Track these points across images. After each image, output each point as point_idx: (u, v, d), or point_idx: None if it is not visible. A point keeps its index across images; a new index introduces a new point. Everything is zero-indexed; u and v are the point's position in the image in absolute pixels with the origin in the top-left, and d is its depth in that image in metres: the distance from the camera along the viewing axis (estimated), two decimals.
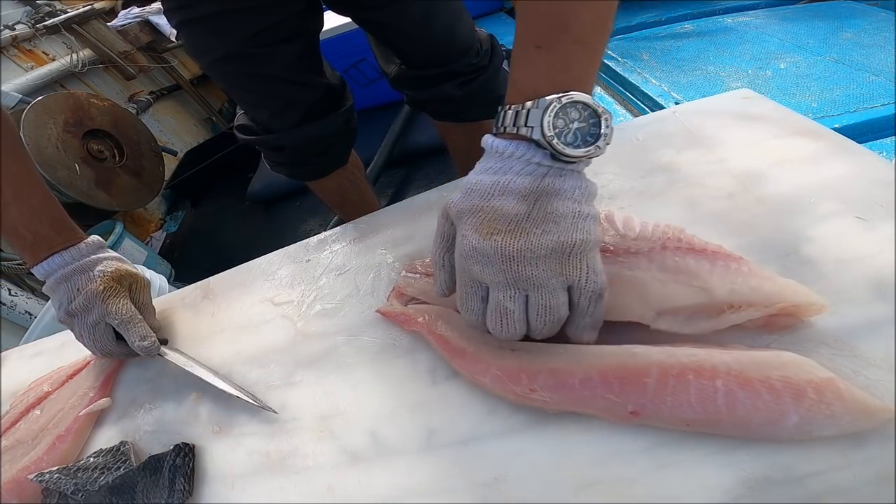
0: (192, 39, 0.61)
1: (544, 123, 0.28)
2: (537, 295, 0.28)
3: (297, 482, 0.35)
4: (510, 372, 0.31)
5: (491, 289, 0.30)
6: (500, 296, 0.29)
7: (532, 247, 0.28)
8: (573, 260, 0.28)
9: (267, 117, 0.68)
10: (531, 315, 0.29)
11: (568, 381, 0.29)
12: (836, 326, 0.29)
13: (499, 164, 0.30)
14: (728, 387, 0.25)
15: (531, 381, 0.30)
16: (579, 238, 0.28)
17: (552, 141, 0.28)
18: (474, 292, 0.31)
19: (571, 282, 0.29)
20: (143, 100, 1.99)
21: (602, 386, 0.28)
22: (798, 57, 0.99)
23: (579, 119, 0.29)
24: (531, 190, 0.29)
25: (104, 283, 0.46)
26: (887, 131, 0.76)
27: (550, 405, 0.30)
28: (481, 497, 0.30)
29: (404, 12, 0.61)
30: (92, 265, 0.48)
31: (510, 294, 0.29)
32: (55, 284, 0.47)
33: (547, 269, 0.28)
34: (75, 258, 0.47)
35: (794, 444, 0.25)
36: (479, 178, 0.31)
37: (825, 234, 0.33)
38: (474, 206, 0.30)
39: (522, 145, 0.29)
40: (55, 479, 0.40)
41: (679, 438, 0.27)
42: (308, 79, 0.66)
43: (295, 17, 0.59)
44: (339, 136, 0.74)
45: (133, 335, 0.45)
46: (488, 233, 0.29)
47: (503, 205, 0.29)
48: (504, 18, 2.08)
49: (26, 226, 0.46)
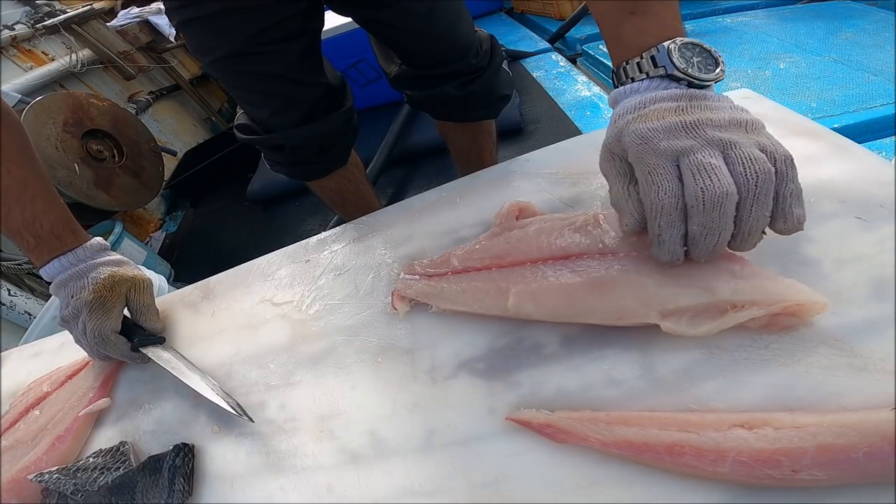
0: (194, 38, 0.61)
1: (675, 59, 0.31)
2: (737, 150, 0.27)
3: (296, 482, 0.35)
4: (759, 457, 0.25)
5: (685, 158, 0.28)
6: (698, 156, 0.27)
7: (713, 118, 0.29)
8: (753, 132, 0.29)
9: (267, 116, 0.68)
10: (736, 170, 0.27)
11: (851, 456, 0.24)
12: (836, 326, 0.29)
13: (641, 94, 0.32)
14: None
15: (794, 462, 0.25)
16: (749, 118, 0.30)
17: (687, 70, 0.31)
18: (666, 172, 0.28)
19: (763, 146, 0.28)
20: (142, 100, 1.98)
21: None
22: (798, 57, 1.00)
23: (695, 54, 0.32)
24: (681, 96, 0.31)
25: (95, 292, 0.46)
26: (887, 131, 0.76)
27: (827, 482, 0.25)
28: (481, 497, 0.30)
29: (408, 11, 0.61)
30: (86, 271, 0.48)
31: (709, 152, 0.28)
32: (56, 289, 0.48)
33: (736, 134, 0.29)
34: (73, 263, 0.48)
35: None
36: (629, 102, 0.32)
37: (825, 234, 0.33)
38: (636, 114, 0.31)
39: (655, 81, 0.32)
40: (55, 479, 0.40)
41: None
42: (309, 78, 0.66)
43: (297, 17, 0.60)
44: (340, 136, 0.74)
45: (111, 351, 0.46)
46: (662, 117, 0.30)
47: (661, 106, 0.30)
48: (504, 18, 2.08)
49: (28, 229, 0.47)
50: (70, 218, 0.50)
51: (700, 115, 0.29)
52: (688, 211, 0.28)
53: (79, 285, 0.47)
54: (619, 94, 0.34)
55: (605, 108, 1.14)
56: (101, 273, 0.48)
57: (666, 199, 0.28)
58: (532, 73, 1.50)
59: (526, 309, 0.35)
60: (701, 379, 0.29)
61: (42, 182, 0.49)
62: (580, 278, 0.34)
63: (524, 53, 1.64)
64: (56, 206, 0.49)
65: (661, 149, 0.28)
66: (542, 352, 0.34)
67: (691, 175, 0.27)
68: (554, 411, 0.30)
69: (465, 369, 0.36)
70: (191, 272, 1.63)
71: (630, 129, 0.30)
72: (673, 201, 0.28)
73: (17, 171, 0.47)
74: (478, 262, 0.39)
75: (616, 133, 0.31)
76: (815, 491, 0.24)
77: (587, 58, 1.44)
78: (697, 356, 0.30)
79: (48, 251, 0.47)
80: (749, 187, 0.27)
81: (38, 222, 0.47)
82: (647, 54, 0.32)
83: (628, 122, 0.31)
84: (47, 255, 0.47)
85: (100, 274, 0.48)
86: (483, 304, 0.37)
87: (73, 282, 0.47)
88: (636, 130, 0.30)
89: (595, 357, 0.33)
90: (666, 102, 0.30)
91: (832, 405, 0.26)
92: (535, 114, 1.38)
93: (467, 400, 0.34)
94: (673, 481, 0.26)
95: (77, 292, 0.46)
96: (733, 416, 0.27)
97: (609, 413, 0.29)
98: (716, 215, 0.27)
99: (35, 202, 0.47)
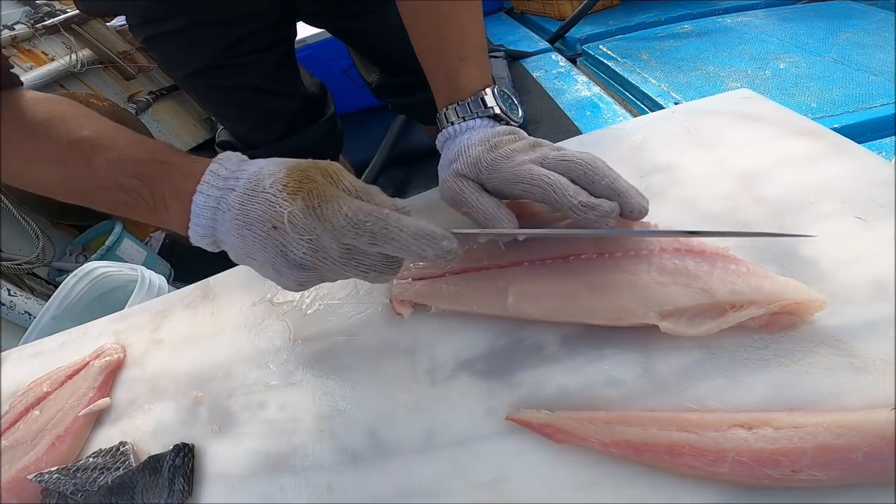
0: (163, 55, 0.60)
1: (499, 103, 0.40)
2: (559, 152, 0.35)
3: (296, 482, 0.35)
4: (759, 457, 0.25)
5: (539, 162, 0.34)
6: (548, 157, 0.35)
7: (530, 142, 0.37)
8: (554, 147, 0.37)
9: (247, 132, 0.67)
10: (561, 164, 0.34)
11: (851, 457, 0.24)
12: (836, 326, 0.29)
13: (479, 130, 0.39)
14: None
15: (793, 462, 0.25)
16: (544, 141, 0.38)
17: (507, 113, 0.40)
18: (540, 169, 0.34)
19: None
20: (142, 100, 1.98)
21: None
22: (798, 57, 1.00)
23: (504, 98, 0.41)
24: (511, 132, 0.39)
25: (300, 189, 0.30)
26: (887, 131, 0.76)
27: (827, 483, 0.25)
28: (480, 497, 0.30)
29: (385, 19, 0.60)
30: (257, 184, 0.31)
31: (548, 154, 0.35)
32: (239, 228, 0.31)
33: (548, 148, 0.37)
34: (229, 184, 0.32)
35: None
36: (474, 136, 0.38)
37: (825, 234, 0.33)
38: (488, 144, 0.37)
39: (485, 120, 0.40)
40: (54, 479, 0.40)
41: None
42: (287, 89, 0.65)
43: (268, 28, 0.59)
44: (324, 146, 0.73)
45: (394, 237, 0.29)
46: (511, 143, 0.37)
47: (504, 138, 0.38)
48: (504, 18, 2.08)
49: (129, 171, 0.34)
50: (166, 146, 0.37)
51: (527, 141, 0.37)
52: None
53: (269, 209, 0.30)
54: (456, 130, 0.40)
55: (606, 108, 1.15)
56: (275, 169, 0.31)
57: (556, 178, 0.32)
58: (532, 73, 1.50)
59: (525, 309, 0.35)
60: (701, 379, 0.29)
61: (116, 129, 0.37)
62: (579, 279, 0.34)
63: (524, 53, 1.64)
64: (144, 139, 0.37)
65: (526, 160, 0.35)
66: (542, 352, 0.34)
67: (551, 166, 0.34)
68: (554, 411, 0.30)
69: (464, 369, 0.36)
70: (191, 272, 1.63)
71: (495, 154, 0.36)
72: (562, 179, 0.33)
73: (81, 131, 0.35)
74: (476, 263, 0.39)
75: (473, 160, 0.37)
76: (814, 491, 0.24)
77: (587, 58, 1.44)
78: (697, 356, 0.30)
79: (190, 177, 0.32)
80: (576, 169, 0.33)
81: (127, 166, 0.34)
82: (476, 97, 0.40)
83: (485, 151, 0.36)
84: (190, 183, 0.32)
85: (276, 171, 0.31)
86: (482, 305, 0.37)
87: (253, 206, 0.30)
88: (503, 154, 0.36)
89: (595, 357, 0.33)
90: (506, 136, 0.38)
91: (832, 405, 0.26)
92: (535, 114, 1.38)
93: (467, 400, 0.34)
94: (673, 481, 0.26)
95: (273, 206, 0.30)
96: (733, 416, 0.27)
97: (609, 413, 0.29)
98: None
99: (119, 145, 0.35)
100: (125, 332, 0.55)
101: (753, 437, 0.25)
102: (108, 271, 1.02)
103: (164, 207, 0.34)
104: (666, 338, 0.30)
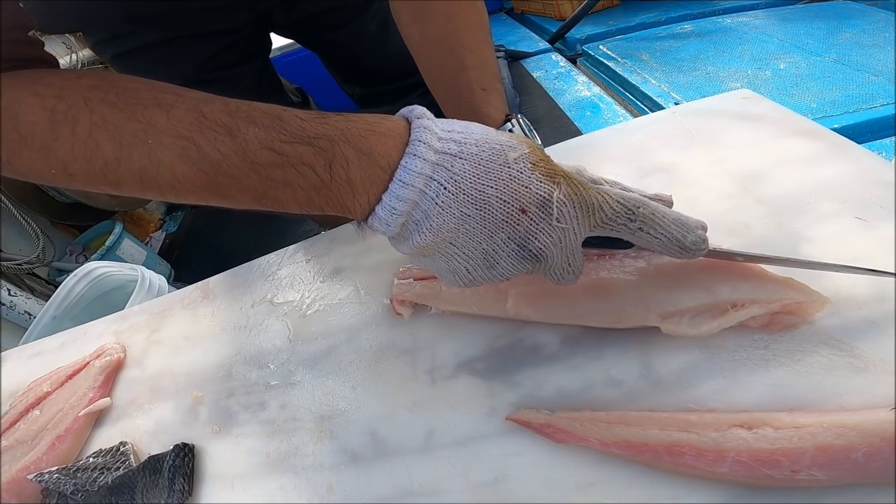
0: (135, 72, 0.58)
1: (525, 135, 0.39)
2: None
3: (296, 482, 0.35)
4: (759, 457, 0.25)
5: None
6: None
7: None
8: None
9: None
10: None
11: (851, 457, 0.24)
12: (836, 326, 0.29)
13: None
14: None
15: (793, 462, 0.24)
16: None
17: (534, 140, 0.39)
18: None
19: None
20: None
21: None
22: (798, 57, 0.99)
23: (529, 129, 0.42)
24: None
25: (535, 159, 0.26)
26: (887, 132, 0.76)
27: (826, 483, 0.24)
28: (481, 497, 0.30)
29: (363, 30, 0.60)
30: (498, 155, 0.25)
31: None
32: (455, 210, 0.25)
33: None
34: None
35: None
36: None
37: (825, 234, 0.33)
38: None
39: None
40: (55, 479, 0.40)
41: None
42: (271, 100, 0.65)
43: (243, 41, 0.59)
44: None
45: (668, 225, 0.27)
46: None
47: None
48: (504, 18, 2.08)
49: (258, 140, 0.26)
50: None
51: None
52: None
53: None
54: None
55: (606, 108, 1.15)
56: (522, 147, 0.26)
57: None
58: (532, 74, 1.50)
59: (525, 311, 0.35)
60: (701, 379, 0.29)
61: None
62: (579, 281, 0.34)
63: (524, 53, 1.64)
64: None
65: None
66: (542, 352, 0.34)
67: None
68: (554, 411, 0.30)
69: (465, 369, 0.36)
70: (191, 272, 1.63)
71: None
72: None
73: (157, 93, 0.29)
74: None
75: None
76: (814, 491, 0.24)
77: (587, 58, 1.43)
78: (697, 356, 0.30)
79: (386, 135, 0.26)
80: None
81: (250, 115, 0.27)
82: (503, 129, 0.39)
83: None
84: (387, 142, 0.26)
85: (522, 147, 0.26)
86: (482, 306, 0.37)
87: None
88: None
89: (595, 357, 0.33)
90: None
91: (832, 405, 0.26)
92: (535, 114, 1.38)
93: (467, 400, 0.34)
94: (673, 481, 0.26)
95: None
96: (733, 416, 0.27)
97: (609, 413, 0.29)
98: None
99: (262, 106, 0.28)
100: (125, 332, 0.55)
101: (753, 437, 0.25)
102: (109, 271, 1.02)
103: (342, 180, 0.25)
104: (666, 338, 0.30)
